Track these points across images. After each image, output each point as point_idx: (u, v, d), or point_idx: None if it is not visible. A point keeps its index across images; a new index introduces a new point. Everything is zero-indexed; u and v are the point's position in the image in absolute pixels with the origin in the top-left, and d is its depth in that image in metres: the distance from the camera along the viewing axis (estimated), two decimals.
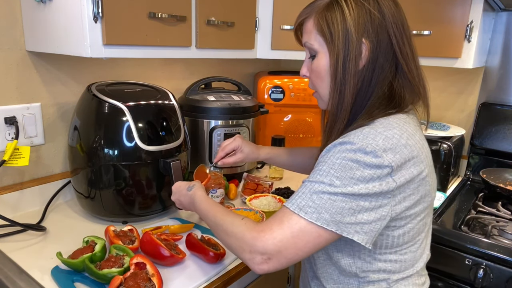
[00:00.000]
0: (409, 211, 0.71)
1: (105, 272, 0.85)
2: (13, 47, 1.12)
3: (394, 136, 0.69)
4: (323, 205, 0.67)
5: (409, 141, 0.70)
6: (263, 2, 1.45)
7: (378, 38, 0.73)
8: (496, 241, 1.17)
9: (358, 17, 0.73)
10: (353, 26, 0.72)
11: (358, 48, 0.73)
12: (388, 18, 0.73)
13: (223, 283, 0.93)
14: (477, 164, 1.68)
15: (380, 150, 0.66)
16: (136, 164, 1.09)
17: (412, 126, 0.74)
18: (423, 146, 0.73)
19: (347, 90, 0.74)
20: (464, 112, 1.76)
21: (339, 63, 0.74)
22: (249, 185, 1.46)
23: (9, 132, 1.14)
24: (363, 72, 0.74)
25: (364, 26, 0.73)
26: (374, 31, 0.73)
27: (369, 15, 0.73)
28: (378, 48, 0.73)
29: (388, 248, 0.74)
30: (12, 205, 1.17)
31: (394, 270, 0.76)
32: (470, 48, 1.39)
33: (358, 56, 0.73)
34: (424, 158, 0.72)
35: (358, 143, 0.67)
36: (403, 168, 0.68)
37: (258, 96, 1.76)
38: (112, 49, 0.98)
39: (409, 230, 0.74)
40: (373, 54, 0.73)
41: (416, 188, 0.71)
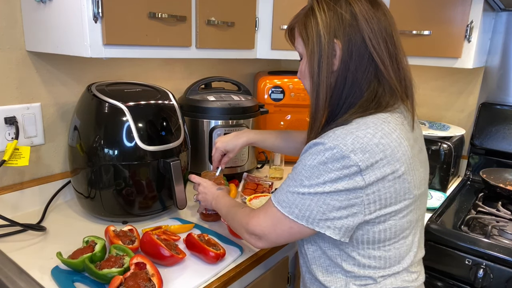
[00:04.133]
0: (387, 209, 0.73)
1: (105, 272, 0.85)
2: (13, 47, 1.12)
3: (366, 135, 0.71)
4: (293, 202, 0.75)
5: (382, 140, 0.71)
6: (263, 2, 1.45)
7: (350, 39, 0.77)
8: (496, 241, 1.17)
9: (329, 20, 0.78)
10: (323, 28, 0.78)
11: (331, 49, 0.77)
12: (361, 19, 0.76)
13: (223, 283, 0.93)
14: (477, 164, 1.68)
15: (347, 151, 0.70)
16: (136, 164, 1.09)
17: (391, 125, 0.75)
18: (400, 144, 0.73)
19: (321, 89, 0.79)
20: (464, 112, 1.77)
21: (314, 64, 0.79)
22: (249, 185, 1.46)
23: (9, 132, 1.14)
24: (337, 72, 0.79)
25: (335, 28, 0.77)
26: (345, 32, 0.77)
27: (339, 17, 0.77)
28: (351, 48, 0.77)
29: (370, 243, 0.77)
30: (12, 205, 1.17)
31: (379, 267, 0.79)
32: (470, 48, 1.39)
33: (331, 56, 0.78)
34: (401, 156, 0.73)
35: (328, 144, 0.71)
36: (374, 167, 0.70)
37: (258, 96, 1.76)
38: (112, 49, 0.98)
39: (391, 227, 0.76)
40: (345, 54, 0.77)
41: (392, 186, 0.72)
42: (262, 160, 1.72)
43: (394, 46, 0.78)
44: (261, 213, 0.82)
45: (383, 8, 0.80)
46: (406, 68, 0.81)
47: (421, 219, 0.85)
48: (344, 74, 0.78)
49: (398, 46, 0.80)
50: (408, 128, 0.79)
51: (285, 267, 1.24)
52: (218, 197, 1.06)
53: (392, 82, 0.78)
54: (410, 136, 0.78)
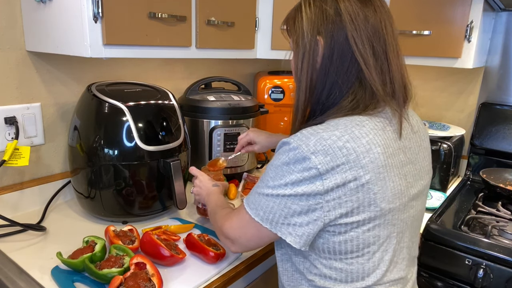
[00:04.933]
0: (347, 218, 0.68)
1: (105, 272, 0.85)
2: (13, 47, 1.12)
3: (331, 137, 0.67)
4: (259, 203, 0.73)
5: (347, 144, 0.67)
6: (263, 2, 1.45)
7: (332, 36, 0.73)
8: (496, 241, 1.17)
9: (312, 16, 0.75)
10: (306, 24, 0.75)
11: (313, 46, 0.75)
12: (345, 16, 0.73)
13: (223, 283, 0.93)
14: (477, 164, 1.68)
15: (308, 152, 0.66)
16: (136, 164, 1.09)
17: (365, 129, 0.69)
18: (368, 150, 0.68)
19: (302, 86, 0.77)
20: (464, 112, 1.76)
21: (298, 60, 0.78)
22: (249, 185, 1.46)
23: (9, 132, 1.14)
24: (319, 70, 0.75)
25: (317, 24, 0.74)
26: (327, 28, 0.74)
27: (322, 13, 0.74)
28: (333, 46, 0.73)
29: (332, 253, 0.73)
30: (12, 205, 1.17)
31: (340, 280, 0.74)
32: (470, 48, 1.39)
33: (313, 53, 0.75)
34: (367, 163, 0.67)
35: (292, 144, 0.69)
36: (334, 172, 0.66)
37: (258, 96, 1.76)
38: (112, 49, 0.98)
39: (352, 239, 0.70)
40: (327, 52, 0.74)
41: (354, 195, 0.67)
42: (262, 160, 1.72)
43: (383, 45, 0.73)
44: (234, 216, 0.80)
45: (375, 4, 0.75)
46: (397, 68, 0.75)
47: (398, 237, 0.75)
48: (324, 72, 0.75)
49: (390, 45, 0.74)
50: (392, 136, 0.72)
51: None
52: (211, 193, 1.04)
53: (374, 83, 0.72)
54: (392, 144, 0.72)
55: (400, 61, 0.76)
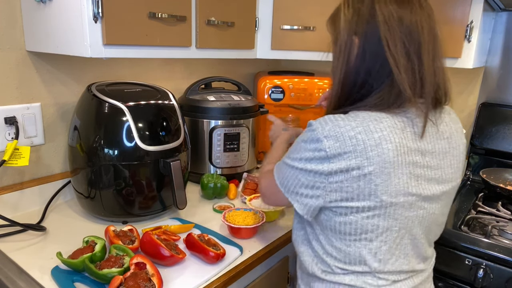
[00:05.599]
0: (348, 202, 0.74)
1: (105, 272, 0.85)
2: (13, 47, 1.12)
3: (346, 126, 0.73)
4: (281, 169, 0.84)
5: (359, 135, 0.71)
6: (263, 2, 1.45)
7: (366, 36, 0.77)
8: (496, 241, 1.17)
9: (350, 16, 0.79)
10: (343, 24, 0.80)
11: (348, 45, 0.79)
12: (380, 17, 0.75)
13: (223, 283, 0.93)
14: (477, 164, 1.68)
15: (322, 135, 0.74)
16: (136, 164, 1.09)
17: (381, 125, 0.72)
18: (378, 145, 0.71)
19: (335, 82, 0.82)
20: (464, 112, 1.76)
21: (334, 58, 0.83)
22: (249, 185, 1.46)
23: (9, 132, 1.14)
24: (352, 68, 0.79)
25: (353, 24, 0.78)
26: (362, 28, 0.77)
27: (358, 14, 0.78)
28: (366, 45, 0.77)
29: (332, 231, 0.79)
30: (12, 205, 1.17)
31: (339, 259, 0.80)
32: (470, 48, 1.39)
33: (348, 52, 0.79)
34: (374, 156, 0.71)
35: (313, 125, 0.76)
36: (340, 157, 0.72)
37: (258, 96, 1.76)
38: (112, 49, 0.98)
39: (351, 222, 0.75)
40: (360, 51, 0.78)
41: (355, 182, 0.72)
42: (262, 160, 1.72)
43: (417, 46, 0.74)
44: (267, 175, 0.92)
45: (413, 5, 0.76)
46: (430, 70, 0.76)
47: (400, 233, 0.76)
48: (356, 71, 0.78)
49: (425, 46, 0.75)
50: (410, 136, 0.74)
51: (285, 267, 1.24)
52: (278, 138, 1.18)
53: (402, 83, 0.73)
54: (407, 144, 0.73)
55: (436, 63, 0.77)
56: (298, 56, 1.54)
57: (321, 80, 1.73)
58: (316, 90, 1.72)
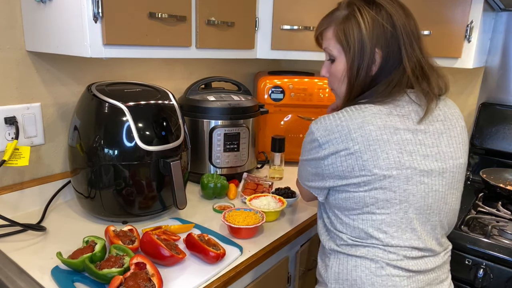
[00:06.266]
0: (343, 180, 0.84)
1: (105, 272, 0.85)
2: (13, 47, 1.12)
3: (334, 117, 0.84)
4: (299, 167, 1.00)
5: (343, 123, 0.82)
6: (263, 2, 1.45)
7: (389, 48, 0.85)
8: (496, 241, 1.17)
9: (372, 30, 0.84)
10: (367, 38, 0.85)
11: (372, 57, 0.86)
12: (399, 30, 0.84)
13: (223, 283, 0.93)
14: (477, 164, 1.68)
15: (315, 129, 0.86)
16: (136, 164, 1.09)
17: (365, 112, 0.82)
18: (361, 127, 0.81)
19: (356, 90, 0.89)
20: (464, 112, 1.76)
21: (353, 69, 0.88)
22: (249, 185, 1.46)
23: (9, 132, 1.14)
24: (374, 77, 0.87)
25: (377, 38, 0.84)
26: (386, 42, 0.85)
27: (382, 28, 0.84)
28: (389, 57, 0.85)
29: (338, 209, 0.89)
30: (12, 205, 1.17)
31: (349, 234, 0.88)
32: (470, 48, 1.39)
33: (371, 63, 0.86)
34: (357, 137, 0.81)
35: (310, 128, 0.89)
36: (330, 143, 0.84)
37: (258, 96, 1.76)
38: (112, 49, 0.98)
39: (353, 197, 0.84)
40: (384, 62, 0.86)
41: (345, 161, 0.82)
42: (262, 160, 1.72)
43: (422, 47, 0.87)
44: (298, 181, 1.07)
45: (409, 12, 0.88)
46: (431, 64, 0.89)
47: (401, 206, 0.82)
48: (377, 78, 0.87)
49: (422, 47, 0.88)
50: (397, 119, 0.83)
51: (285, 267, 1.24)
52: None
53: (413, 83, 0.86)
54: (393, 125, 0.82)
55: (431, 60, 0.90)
56: (298, 56, 1.54)
57: (321, 80, 1.73)
58: (316, 90, 1.72)
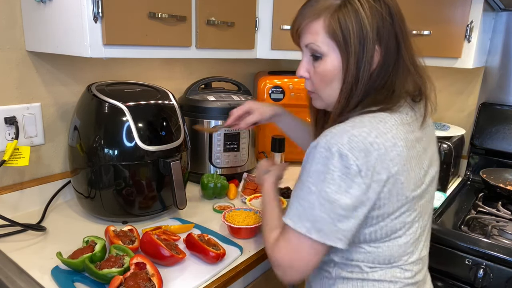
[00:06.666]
0: (378, 210, 0.71)
1: (105, 272, 0.85)
2: (13, 47, 1.12)
3: (361, 134, 0.67)
4: (304, 213, 0.70)
5: (377, 139, 0.67)
6: (263, 2, 1.45)
7: (388, 43, 0.73)
8: (496, 241, 1.17)
9: (373, 22, 0.71)
10: (370, 31, 0.71)
11: (372, 54, 0.72)
12: (397, 22, 0.73)
13: (223, 283, 0.93)
14: (477, 164, 1.68)
15: (345, 149, 0.66)
16: (136, 164, 1.09)
17: (387, 125, 0.70)
18: (395, 144, 0.69)
19: (356, 94, 0.74)
20: (464, 112, 1.76)
21: (352, 68, 0.72)
22: (249, 185, 1.46)
23: (9, 132, 1.14)
24: (373, 77, 0.74)
25: (378, 31, 0.71)
26: (385, 35, 0.72)
27: (381, 19, 0.71)
28: (388, 53, 0.73)
29: (362, 242, 0.75)
30: (12, 205, 1.17)
31: (367, 260, 0.77)
32: (470, 48, 1.39)
33: (371, 61, 0.72)
34: (395, 156, 0.69)
35: (325, 144, 0.68)
36: (370, 168, 0.66)
37: (258, 96, 1.76)
38: (112, 49, 0.98)
39: (382, 227, 0.73)
40: (383, 59, 0.73)
41: (385, 187, 0.69)
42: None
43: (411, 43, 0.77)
44: (280, 242, 0.75)
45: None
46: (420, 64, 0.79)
47: (420, 221, 0.79)
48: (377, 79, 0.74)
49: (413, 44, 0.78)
50: (408, 129, 0.74)
51: None
52: (262, 185, 0.98)
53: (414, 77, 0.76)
54: (409, 137, 0.73)
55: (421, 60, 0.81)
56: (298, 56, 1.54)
57: None
58: None
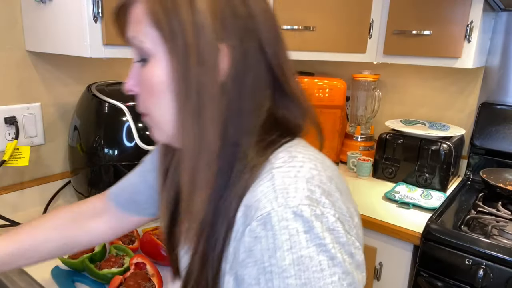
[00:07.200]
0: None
1: (105, 272, 0.85)
2: (13, 47, 1.12)
3: (313, 174, 0.47)
4: None
5: (330, 173, 0.50)
6: None
7: (243, 43, 0.50)
8: (496, 241, 1.17)
9: (216, 9, 0.48)
10: (210, 19, 0.47)
11: (214, 53, 0.48)
12: (260, 19, 0.51)
13: None
14: (477, 164, 1.68)
15: (313, 202, 0.44)
16: (136, 164, 1.08)
17: (312, 149, 0.54)
18: (340, 176, 0.53)
19: (208, 115, 0.48)
20: (464, 112, 1.76)
21: (186, 73, 0.48)
22: None
23: (9, 132, 1.14)
24: (226, 89, 0.50)
25: (224, 23, 0.49)
26: (237, 33, 0.49)
27: (231, 8, 0.49)
28: (244, 57, 0.50)
29: None
30: (12, 205, 1.17)
31: None
32: (470, 48, 1.39)
33: (215, 64, 0.48)
34: (348, 192, 0.53)
35: (279, 206, 0.43)
36: (343, 213, 0.48)
37: None
38: (112, 49, 0.98)
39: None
40: (235, 65, 0.50)
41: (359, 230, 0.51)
42: None
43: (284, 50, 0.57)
44: None
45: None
46: (299, 82, 0.60)
47: None
48: (234, 93, 0.50)
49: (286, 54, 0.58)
50: None
51: None
52: None
53: (297, 100, 0.57)
54: None
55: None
56: (298, 56, 1.54)
57: (321, 80, 1.73)
58: (316, 90, 1.72)
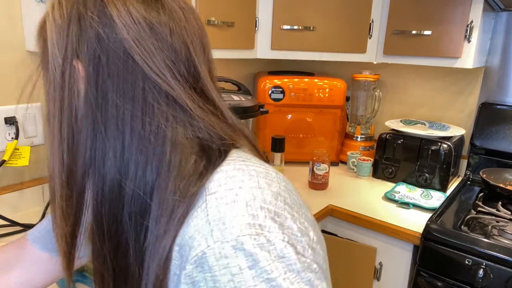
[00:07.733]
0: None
1: None
2: (13, 47, 1.12)
3: (255, 194, 0.42)
4: None
5: (273, 188, 0.44)
6: (263, 2, 1.45)
7: (108, 57, 0.44)
8: (496, 241, 1.17)
9: (66, 27, 0.45)
10: (57, 38, 0.45)
11: (70, 71, 0.46)
12: (122, 30, 0.44)
13: None
14: (477, 164, 1.68)
15: (256, 230, 0.39)
16: None
17: (253, 160, 0.49)
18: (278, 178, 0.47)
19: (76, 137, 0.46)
20: (464, 112, 1.76)
21: (48, 96, 0.50)
22: None
23: (9, 132, 1.14)
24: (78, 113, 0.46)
25: (78, 37, 0.44)
26: (93, 46, 0.44)
27: (84, 19, 0.44)
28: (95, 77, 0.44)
29: None
30: (12, 205, 1.17)
31: None
32: (470, 48, 1.39)
33: (71, 85, 0.47)
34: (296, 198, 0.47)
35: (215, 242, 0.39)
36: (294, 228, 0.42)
37: (258, 96, 1.76)
38: None
39: None
40: (88, 85, 0.45)
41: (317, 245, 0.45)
42: None
43: (194, 67, 0.51)
44: None
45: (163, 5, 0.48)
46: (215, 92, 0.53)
47: None
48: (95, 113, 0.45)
49: (202, 72, 0.52)
50: None
51: None
52: None
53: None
54: None
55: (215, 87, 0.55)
56: (298, 56, 1.54)
57: (321, 80, 1.73)
58: (316, 90, 1.72)
